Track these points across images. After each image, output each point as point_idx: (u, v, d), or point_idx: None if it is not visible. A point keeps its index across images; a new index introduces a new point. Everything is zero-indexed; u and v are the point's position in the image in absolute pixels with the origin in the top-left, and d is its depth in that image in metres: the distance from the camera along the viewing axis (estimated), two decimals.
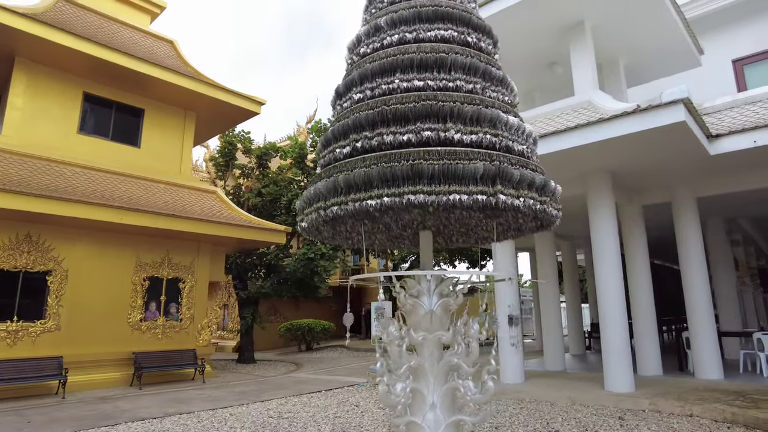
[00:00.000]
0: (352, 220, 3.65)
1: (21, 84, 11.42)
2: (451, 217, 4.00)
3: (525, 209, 3.27)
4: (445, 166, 3.13)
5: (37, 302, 10.68)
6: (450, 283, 4.01)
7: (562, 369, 10.72)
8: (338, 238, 4.22)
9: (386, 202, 3.12)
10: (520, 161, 3.43)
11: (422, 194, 3.08)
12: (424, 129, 3.35)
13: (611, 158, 8.07)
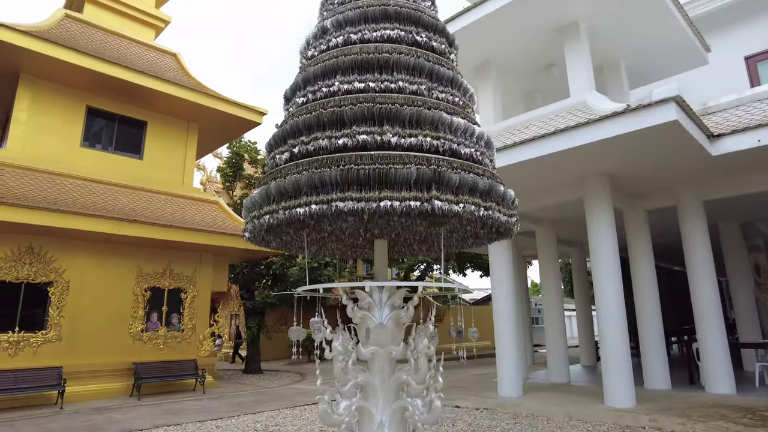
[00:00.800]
0: (290, 228, 3.49)
1: (25, 99, 11.68)
2: (393, 224, 3.81)
3: (467, 215, 3.06)
4: (376, 171, 2.95)
5: (38, 313, 10.81)
6: (402, 294, 3.81)
7: (566, 381, 10.31)
8: (289, 246, 4.06)
9: (314, 210, 2.96)
10: (463, 165, 3.23)
11: (351, 201, 2.91)
12: (359, 133, 3.18)
13: (606, 161, 7.74)
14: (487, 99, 10.14)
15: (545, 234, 10.96)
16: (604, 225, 8.03)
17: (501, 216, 3.30)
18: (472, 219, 3.15)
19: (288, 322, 23.85)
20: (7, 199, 9.82)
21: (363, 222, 3.55)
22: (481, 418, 7.92)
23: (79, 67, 11.70)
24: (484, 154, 3.57)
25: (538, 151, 7.21)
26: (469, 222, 3.29)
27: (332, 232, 4.08)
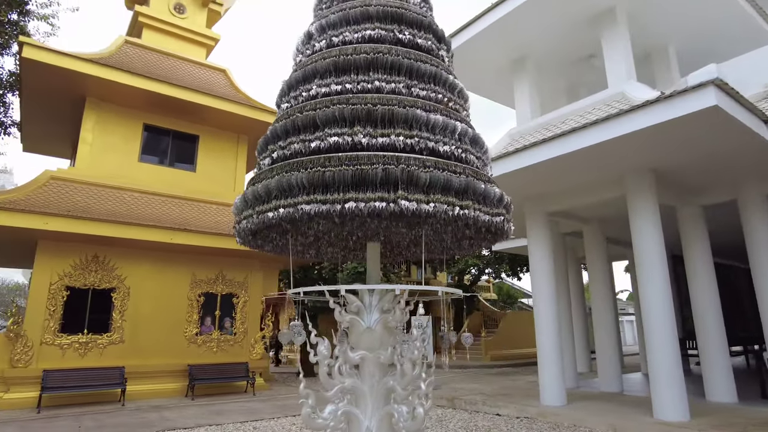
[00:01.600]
0: (272, 232, 3.54)
1: (91, 121, 12.72)
2: (374, 227, 3.72)
3: (440, 215, 2.95)
4: (342, 172, 2.92)
5: (103, 317, 11.69)
6: (391, 298, 3.74)
7: (619, 390, 9.64)
8: (283, 250, 4.10)
9: (282, 213, 2.98)
10: (438, 163, 3.11)
11: (316, 203, 2.90)
12: (331, 135, 3.17)
13: (647, 154, 7.19)
14: (524, 95, 9.78)
15: (593, 234, 10.36)
16: (649, 223, 7.46)
17: (481, 215, 3.15)
18: (447, 219, 3.03)
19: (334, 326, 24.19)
20: (76, 213, 10.73)
21: (336, 225, 3.52)
22: (519, 427, 7.60)
23: (137, 88, 12.60)
24: (468, 151, 3.42)
25: (564, 148, 6.85)
26: (447, 222, 3.16)
27: (320, 237, 4.08)
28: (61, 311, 11.16)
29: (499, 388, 11.01)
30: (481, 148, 3.61)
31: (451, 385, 12.23)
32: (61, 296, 11.21)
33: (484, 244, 4.08)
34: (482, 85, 11.06)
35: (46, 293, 11.06)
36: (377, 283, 3.92)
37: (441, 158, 3.23)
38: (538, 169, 7.63)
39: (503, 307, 27.82)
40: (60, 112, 13.52)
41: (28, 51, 11.16)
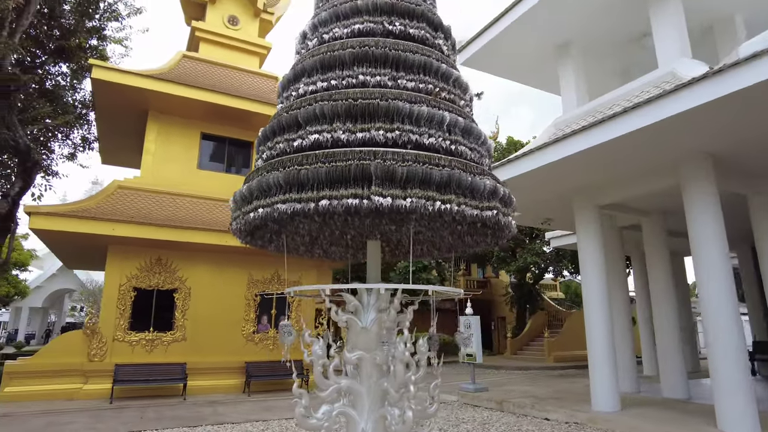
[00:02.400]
0: (260, 232, 3.56)
1: (153, 132, 13.63)
2: (357, 225, 3.62)
3: (420, 210, 2.83)
4: (315, 170, 2.88)
5: (167, 316, 12.47)
6: (387, 297, 3.64)
7: (684, 397, 8.83)
8: (288, 249, 4.12)
9: (260, 213, 2.99)
10: (419, 156, 2.99)
11: (291, 202, 2.88)
12: (312, 132, 3.14)
13: (701, 137, 6.51)
14: (569, 82, 9.24)
15: (653, 227, 9.57)
16: (707, 214, 6.76)
17: (468, 209, 2.97)
18: (429, 215, 2.89)
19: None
20: (139, 219, 11.54)
21: (318, 223, 3.46)
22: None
23: (194, 99, 13.32)
24: (458, 143, 3.25)
25: (605, 135, 6.37)
26: (431, 218, 3.02)
27: (317, 236, 4.06)
28: (130, 310, 12.04)
29: (552, 391, 10.48)
30: (476, 138, 3.42)
31: (505, 387, 11.82)
32: (130, 296, 12.08)
33: (489, 241, 3.87)
34: (525, 73, 10.58)
35: (116, 294, 11.97)
36: (377, 281, 3.83)
37: (426, 151, 3.09)
38: (582, 159, 7.17)
39: (570, 306, 26.52)
40: (128, 126, 14.59)
41: (97, 72, 12.15)
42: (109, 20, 19.17)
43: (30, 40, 16.84)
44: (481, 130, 3.50)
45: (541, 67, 10.18)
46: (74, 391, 11.05)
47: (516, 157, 8.09)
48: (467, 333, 3.29)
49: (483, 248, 4.17)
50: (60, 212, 10.83)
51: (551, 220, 10.78)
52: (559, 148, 7.31)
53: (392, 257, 4.70)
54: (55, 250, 13.92)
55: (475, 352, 10.76)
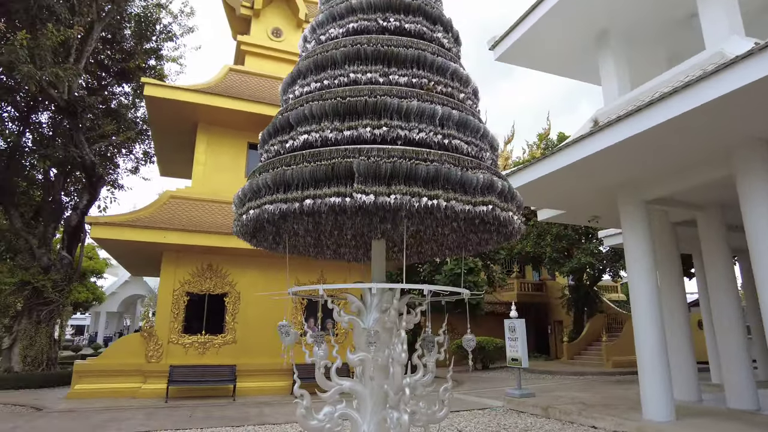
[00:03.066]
0: (260, 233, 3.60)
1: (203, 144, 14.28)
2: (352, 224, 3.57)
3: (406, 206, 2.76)
4: (300, 170, 2.89)
5: (218, 319, 12.98)
6: (390, 297, 3.57)
7: (753, 408, 8.04)
8: (294, 250, 4.16)
9: (251, 215, 3.04)
10: (407, 152, 2.92)
11: (277, 203, 2.90)
12: (301, 133, 3.15)
13: (754, 123, 5.94)
14: (609, 72, 8.76)
15: (709, 222, 8.83)
16: (764, 206, 6.14)
17: (457, 204, 2.86)
18: (416, 211, 2.81)
19: (455, 329, 23.81)
20: (190, 227, 12.12)
21: (308, 223, 3.44)
22: None
23: (239, 111, 13.84)
24: (452, 137, 3.15)
25: (645, 124, 5.95)
26: (422, 215, 2.93)
27: (318, 237, 4.05)
28: (183, 314, 12.63)
29: (603, 398, 9.91)
30: (474, 131, 3.29)
31: (554, 393, 11.33)
32: (183, 301, 12.69)
33: (495, 238, 3.71)
34: (563, 64, 10.13)
35: (171, 298, 12.60)
36: (382, 281, 3.78)
37: (417, 146, 3.01)
38: (622, 150, 6.76)
39: None
40: (180, 139, 15.38)
41: (149, 89, 12.90)
42: (165, 41, 20.38)
43: (95, 64, 18.21)
44: (480, 123, 3.38)
45: (580, 57, 9.71)
46: (135, 390, 11.72)
47: (552, 153, 7.76)
48: (472, 339, 3.15)
49: (495, 246, 4.00)
50: (117, 222, 11.57)
51: (598, 217, 10.23)
52: (596, 140, 6.93)
53: (408, 259, 4.62)
54: (117, 257, 14.88)
55: (521, 356, 10.38)
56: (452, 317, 23.70)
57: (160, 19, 19.83)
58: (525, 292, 24.35)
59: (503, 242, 3.85)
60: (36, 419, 9.23)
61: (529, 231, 20.66)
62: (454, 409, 10.13)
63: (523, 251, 20.42)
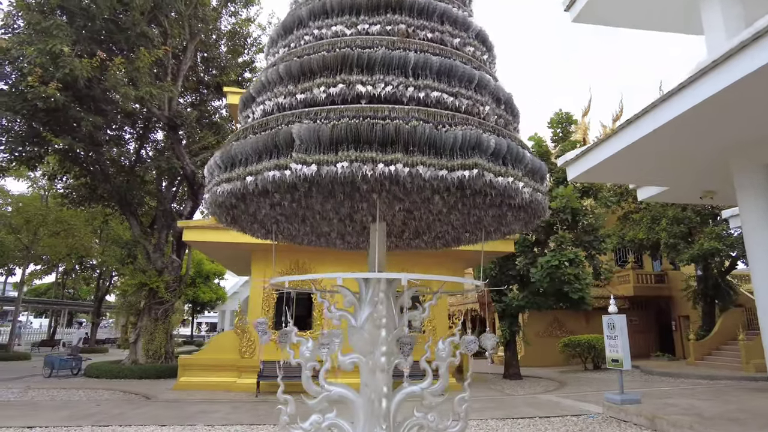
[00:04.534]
0: (243, 218, 3.26)
1: None
2: (316, 205, 3.02)
3: (360, 177, 2.25)
4: (242, 144, 2.50)
5: (306, 316, 13.23)
6: (387, 290, 3.04)
7: None
8: (287, 238, 3.77)
9: (207, 199, 2.71)
10: (362, 111, 2.38)
11: (223, 183, 2.55)
12: (260, 104, 2.77)
13: None
14: (714, 12, 7.19)
15: None
16: None
17: (424, 170, 2.25)
18: (374, 183, 2.27)
19: (563, 327, 22.03)
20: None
21: (263, 204, 2.98)
22: None
23: None
24: (429, 88, 2.53)
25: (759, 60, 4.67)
26: (386, 188, 2.37)
27: (305, 222, 3.60)
28: (273, 311, 13.06)
29: (730, 410, 8.21)
30: (463, 81, 2.64)
31: (667, 400, 9.71)
32: (272, 298, 13.12)
33: (514, 217, 2.97)
34: (654, 15, 8.53)
35: (261, 296, 13.10)
36: (383, 271, 3.26)
37: (383, 104, 2.46)
38: (732, 98, 5.43)
39: None
40: None
41: (231, 98, 13.54)
42: (257, 53, 21.52)
43: (195, 81, 19.76)
44: (476, 71, 2.70)
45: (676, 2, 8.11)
46: (230, 384, 12.36)
47: (653, 105, 6.44)
48: (492, 337, 2.57)
49: (524, 229, 3.27)
50: (206, 225, 12.27)
51: (713, 192, 8.49)
52: (696, 89, 5.64)
53: (415, 245, 4.02)
54: (216, 258, 15.92)
55: (622, 356, 9.02)
56: (559, 314, 21.93)
57: (250, 32, 20.99)
58: (643, 285, 21.71)
59: (529, 221, 3.11)
60: (142, 407, 10.07)
61: (642, 215, 18.27)
62: (543, 414, 9.12)
63: (635, 238, 18.13)
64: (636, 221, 19.11)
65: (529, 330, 20.51)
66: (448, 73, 2.60)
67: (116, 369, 15.20)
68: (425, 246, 4.03)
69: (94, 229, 25.04)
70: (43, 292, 39.95)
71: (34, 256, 25.25)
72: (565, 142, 17.43)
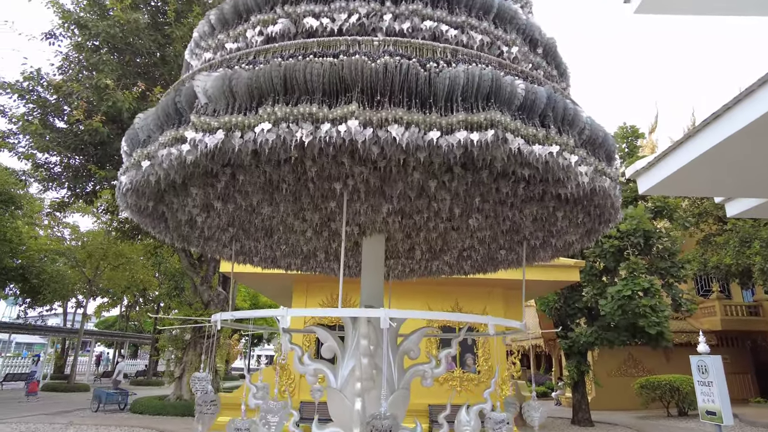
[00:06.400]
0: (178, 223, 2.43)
1: None
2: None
3: (374, 147, 1.37)
4: (146, 117, 1.69)
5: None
6: (373, 333, 2.09)
7: None
8: (264, 261, 2.90)
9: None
10: (303, 47, 1.52)
11: (127, 172, 1.74)
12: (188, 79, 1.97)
13: None
14: None
15: None
16: None
17: (402, 132, 1.33)
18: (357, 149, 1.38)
19: (639, 365, 19.64)
20: None
21: (183, 203, 2.11)
22: None
23: None
24: (416, 16, 1.63)
25: None
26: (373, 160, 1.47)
27: (284, 239, 2.69)
28: (315, 346, 12.22)
29: None
30: (475, 8, 1.71)
31: None
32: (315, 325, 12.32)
33: (564, 216, 1.94)
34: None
35: (302, 322, 12.32)
36: (378, 305, 2.31)
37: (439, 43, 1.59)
38: None
39: None
40: None
41: None
42: None
43: None
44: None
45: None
46: None
47: (738, 100, 5.15)
48: (537, 414, 1.81)
49: (574, 242, 2.21)
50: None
51: None
52: None
53: (436, 269, 3.02)
54: (258, 290, 15.43)
55: (720, 408, 7.32)
56: (634, 351, 19.57)
57: None
58: (732, 318, 19.03)
59: (592, 228, 2.07)
60: None
61: (727, 237, 15.99)
62: None
63: (720, 264, 15.85)
64: (720, 244, 16.84)
65: (600, 369, 18.43)
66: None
67: (160, 405, 14.84)
68: (450, 270, 3.04)
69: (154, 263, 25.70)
70: (111, 324, 41.65)
71: (100, 289, 26.19)
72: (632, 158, 15.78)
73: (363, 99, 1.40)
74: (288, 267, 3.13)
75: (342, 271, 2.07)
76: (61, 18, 12.73)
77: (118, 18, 11.67)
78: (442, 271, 3.08)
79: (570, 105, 1.62)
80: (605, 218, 2.01)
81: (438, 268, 3.04)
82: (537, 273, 11.64)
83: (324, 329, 2.44)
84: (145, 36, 12.23)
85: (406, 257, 2.87)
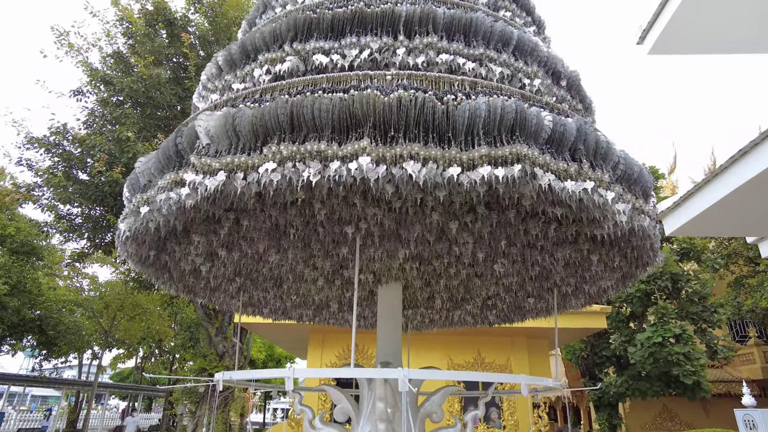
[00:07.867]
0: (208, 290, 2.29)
1: None
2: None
3: (388, 186, 1.25)
4: (147, 162, 1.61)
5: None
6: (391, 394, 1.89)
7: None
8: (276, 313, 2.72)
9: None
10: (312, 84, 1.42)
11: (126, 219, 1.64)
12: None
13: None
14: None
15: None
16: None
17: (412, 168, 1.20)
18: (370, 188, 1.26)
19: (674, 419, 18.46)
20: None
21: (186, 250, 1.98)
22: None
23: None
24: (431, 49, 1.54)
25: None
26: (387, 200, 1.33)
27: (295, 289, 2.53)
28: (331, 405, 11.76)
29: None
30: (492, 40, 1.62)
31: None
32: (328, 383, 11.88)
33: (600, 261, 1.76)
34: (754, 33, 7.14)
35: (317, 382, 11.90)
36: (396, 363, 2.11)
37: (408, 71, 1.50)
38: None
39: None
40: None
41: None
42: None
43: None
44: (512, 30, 1.69)
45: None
46: None
47: None
48: None
49: (609, 287, 2.02)
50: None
51: None
52: None
53: (458, 320, 2.81)
54: (274, 341, 15.10)
55: None
56: (669, 402, 18.44)
57: None
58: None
59: (629, 272, 1.88)
60: None
61: (761, 279, 15.29)
62: None
63: (755, 307, 15.08)
64: (754, 287, 16.10)
65: (633, 422, 17.36)
66: (466, 28, 1.60)
67: None
68: (473, 320, 2.82)
69: (170, 313, 25.54)
70: (125, 376, 41.13)
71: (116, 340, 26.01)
72: None
73: (375, 135, 1.29)
74: (300, 318, 2.95)
75: (354, 323, 1.89)
76: (89, 76, 13.33)
77: (141, 73, 12.14)
78: (465, 322, 2.86)
79: (602, 137, 1.49)
80: (643, 261, 1.83)
81: (460, 318, 2.83)
82: (562, 320, 11.20)
83: (336, 389, 2.24)
84: (166, 90, 12.68)
85: (425, 307, 2.66)
